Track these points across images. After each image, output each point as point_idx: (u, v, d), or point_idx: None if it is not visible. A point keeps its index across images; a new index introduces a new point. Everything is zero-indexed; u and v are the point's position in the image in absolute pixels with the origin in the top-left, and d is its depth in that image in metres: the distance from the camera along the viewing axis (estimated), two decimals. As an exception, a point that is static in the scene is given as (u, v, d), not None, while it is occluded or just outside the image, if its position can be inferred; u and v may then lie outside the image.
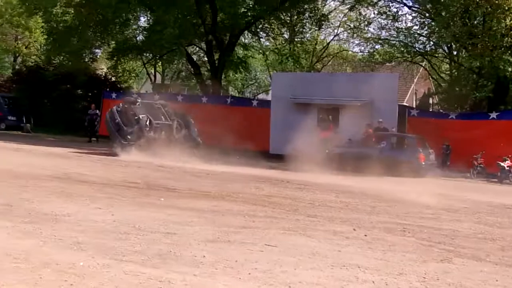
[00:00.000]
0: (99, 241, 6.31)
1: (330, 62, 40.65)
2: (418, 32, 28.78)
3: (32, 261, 5.30)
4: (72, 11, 29.36)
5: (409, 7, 29.35)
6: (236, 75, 41.09)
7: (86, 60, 33.11)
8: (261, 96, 46.08)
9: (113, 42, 32.73)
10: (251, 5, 28.66)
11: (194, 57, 35.72)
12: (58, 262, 5.30)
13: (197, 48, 36.22)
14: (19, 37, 44.89)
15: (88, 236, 6.52)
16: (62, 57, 32.86)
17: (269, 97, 35.32)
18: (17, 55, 46.85)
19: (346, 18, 35.15)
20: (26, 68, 40.07)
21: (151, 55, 35.02)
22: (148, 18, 32.60)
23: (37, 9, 30.25)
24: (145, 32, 31.15)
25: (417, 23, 29.09)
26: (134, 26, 32.29)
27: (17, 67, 45.51)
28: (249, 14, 28.49)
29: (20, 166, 13.99)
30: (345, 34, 36.42)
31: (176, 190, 11.32)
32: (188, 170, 15.68)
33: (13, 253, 5.54)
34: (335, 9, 36.74)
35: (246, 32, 31.88)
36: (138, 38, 33.46)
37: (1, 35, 43.25)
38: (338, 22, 36.81)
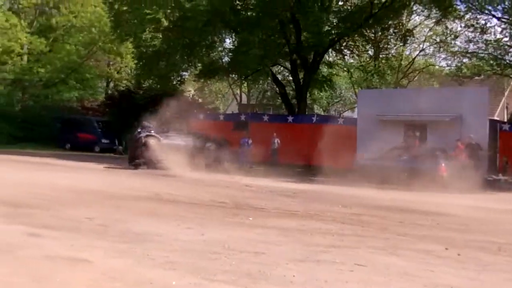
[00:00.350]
0: (190, 261, 6.43)
1: (416, 78, 39.92)
2: (508, 43, 27.79)
3: (127, 280, 5.47)
4: (160, 36, 30.24)
5: (498, 19, 28.35)
6: (321, 93, 40.99)
7: (174, 82, 33.90)
8: (346, 114, 45.74)
9: (199, 65, 33.40)
10: (335, 23, 28.56)
11: (279, 77, 35.94)
12: (152, 281, 5.45)
13: (282, 68, 36.45)
14: (111, 63, 46.69)
15: (179, 256, 6.65)
16: (151, 80, 33.88)
17: (355, 115, 34.97)
18: (109, 80, 48.74)
19: (432, 32, 34.48)
20: (117, 92, 41.70)
21: (236, 76, 35.49)
22: (233, 40, 33.11)
23: (127, 36, 31.21)
24: (230, 54, 31.61)
25: (506, 34, 28.11)
26: (220, 48, 32.84)
27: (109, 91, 47.37)
28: (333, 32, 28.40)
29: (113, 187, 14.52)
30: (431, 49, 35.85)
31: (263, 209, 11.37)
32: (274, 189, 15.73)
33: (109, 273, 5.73)
34: (420, 23, 36.17)
35: (330, 50, 31.78)
36: (223, 60, 34.03)
37: (95, 61, 45.20)
38: (424, 37, 36.21)
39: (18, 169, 19.61)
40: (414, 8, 30.59)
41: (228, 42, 35.06)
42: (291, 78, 33.69)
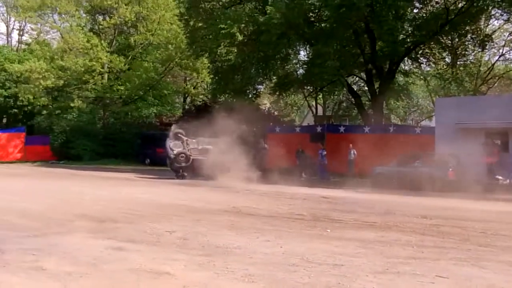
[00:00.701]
0: (269, 273, 6.47)
1: (496, 84, 38.69)
2: None
3: (208, 292, 5.58)
4: (235, 50, 30.63)
5: None
6: (398, 102, 40.44)
7: (250, 96, 34.19)
8: (424, 123, 44.87)
9: (274, 77, 33.58)
10: (410, 31, 28.08)
11: (354, 87, 35.72)
12: (232, 293, 5.53)
13: (357, 78, 36.18)
14: (187, 78, 47.67)
15: (258, 268, 6.71)
16: (227, 94, 34.32)
17: (432, 123, 34.24)
18: (186, 95, 49.72)
19: (512, 37, 33.42)
20: (194, 107, 42.49)
21: (311, 88, 35.46)
22: (308, 52, 33.13)
23: (203, 51, 31.75)
24: (305, 66, 31.63)
25: None
26: (294, 61, 32.93)
27: (186, 106, 48.35)
28: (409, 40, 27.94)
29: (193, 201, 14.80)
30: (511, 53, 34.56)
31: (341, 221, 11.29)
32: (352, 201, 15.59)
33: (190, 285, 5.87)
34: (499, 28, 35.07)
35: (406, 58, 31.29)
36: (298, 72, 34.08)
37: (172, 77, 46.28)
38: (503, 41, 35.07)
39: (102, 185, 20.31)
40: (493, 12, 29.60)
41: (303, 54, 35.14)
42: (366, 88, 33.38)
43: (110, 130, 42.05)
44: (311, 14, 28.41)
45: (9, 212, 11.49)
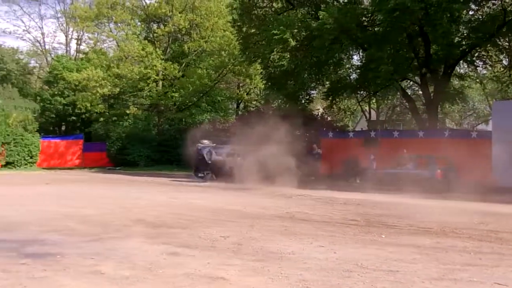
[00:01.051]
0: (323, 279, 6.47)
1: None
2: None
3: (263, 298, 5.61)
4: (288, 56, 30.67)
5: None
6: (453, 106, 39.68)
7: (303, 101, 34.16)
8: (480, 127, 43.88)
9: (327, 82, 33.48)
10: (465, 34, 27.53)
11: (408, 91, 35.23)
12: (286, 298, 5.55)
13: (411, 82, 35.68)
14: (240, 84, 48.00)
15: (312, 274, 6.71)
16: (280, 100, 34.38)
17: (489, 127, 33.43)
18: (239, 101, 50.07)
19: None
20: (248, 113, 42.68)
21: (365, 92, 35.17)
22: (361, 56, 32.91)
23: (256, 57, 31.92)
24: (358, 71, 31.42)
25: None
26: (347, 65, 32.75)
27: (239, 112, 48.64)
28: (464, 43, 27.39)
29: (247, 206, 14.87)
30: None
31: (396, 226, 11.16)
32: (407, 206, 15.38)
33: (246, 291, 5.92)
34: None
35: (461, 61, 30.66)
36: (351, 77, 33.88)
37: (225, 84, 46.67)
38: None
39: (157, 191, 20.65)
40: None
41: (356, 59, 34.89)
42: (420, 92, 32.88)
43: (165, 137, 42.72)
44: (364, 18, 28.19)
45: (69, 217, 11.81)
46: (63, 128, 51.90)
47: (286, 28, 27.03)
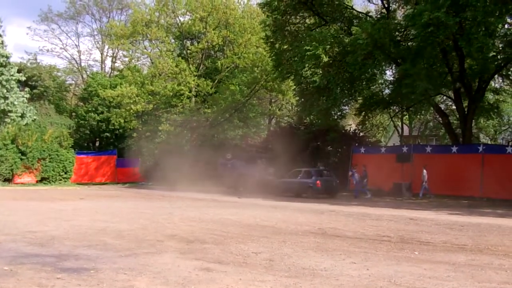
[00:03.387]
0: (357, 296, 6.40)
1: None
2: None
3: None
4: (321, 72, 30.60)
5: None
6: (488, 121, 39.13)
7: (335, 117, 34.03)
8: (515, 142, 43.14)
9: (360, 98, 33.33)
10: (501, 48, 27.17)
11: (442, 106, 34.87)
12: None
13: (444, 97, 35.32)
14: (273, 100, 48.05)
15: (346, 291, 6.65)
16: (312, 116, 34.27)
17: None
18: (272, 117, 50.08)
19: None
20: (280, 128, 42.66)
21: (398, 107, 34.91)
22: (394, 71, 32.72)
23: (288, 73, 31.97)
24: (391, 86, 31.22)
25: None
26: (380, 81, 32.56)
27: (271, 128, 48.64)
28: (499, 57, 27.01)
29: (279, 222, 14.83)
30: None
31: (430, 243, 10.99)
32: (441, 223, 15.16)
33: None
34: None
35: (496, 76, 30.26)
36: (384, 92, 33.66)
37: (258, 100, 46.74)
38: None
39: (190, 206, 20.73)
40: None
41: (389, 74, 34.70)
42: (454, 107, 32.51)
43: (198, 152, 42.86)
44: (397, 33, 28.05)
45: (103, 232, 11.92)
46: (97, 144, 52.57)
47: (318, 44, 27.03)
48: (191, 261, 8.49)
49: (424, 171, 27.15)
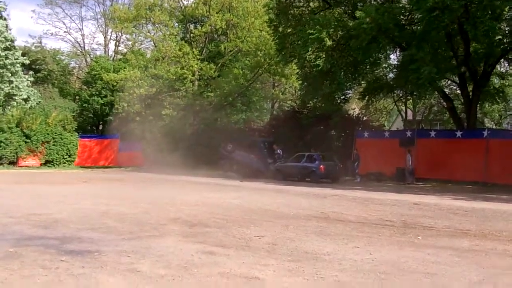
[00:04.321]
0: (359, 280, 6.40)
1: None
2: None
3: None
4: (324, 56, 30.43)
5: None
6: (493, 106, 39.02)
7: (338, 101, 33.94)
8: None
9: (363, 82, 33.21)
10: (507, 31, 26.94)
11: (446, 90, 34.68)
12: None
13: (449, 81, 35.15)
14: (276, 84, 47.94)
15: (348, 275, 6.65)
16: (315, 100, 34.18)
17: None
18: (274, 101, 50.01)
19: None
20: (282, 113, 42.60)
21: (401, 92, 34.78)
22: (398, 55, 32.56)
23: (292, 57, 31.79)
24: (395, 70, 31.06)
25: None
26: (384, 65, 32.40)
27: (274, 112, 48.58)
28: (505, 41, 26.80)
29: (281, 206, 14.85)
30: None
31: (433, 228, 10.99)
32: (444, 208, 15.16)
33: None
34: None
35: (502, 60, 30.07)
36: (388, 76, 33.52)
37: (261, 84, 46.65)
38: None
39: (192, 190, 20.75)
40: None
41: (393, 58, 34.53)
42: (459, 91, 32.37)
43: (200, 137, 42.84)
44: (402, 17, 27.83)
45: (106, 215, 11.96)
46: (101, 127, 52.60)
47: (322, 28, 26.85)
48: (193, 244, 8.51)
49: (408, 156, 27.29)
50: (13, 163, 36.68)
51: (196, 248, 8.20)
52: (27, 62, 43.36)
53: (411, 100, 43.11)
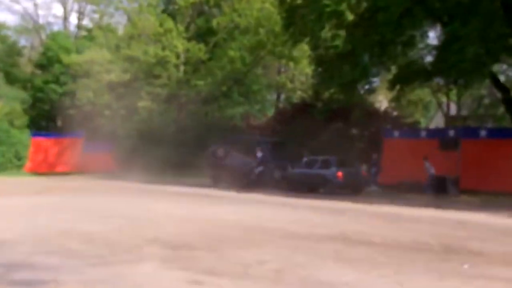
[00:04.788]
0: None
1: None
2: None
3: None
4: (344, 34, 30.38)
5: None
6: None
7: (361, 92, 33.88)
8: None
9: (394, 68, 33.19)
10: None
11: (501, 78, 34.63)
12: None
13: (505, 66, 35.13)
14: (282, 69, 47.94)
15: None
16: (332, 89, 34.15)
17: None
18: (280, 91, 49.93)
19: None
20: (290, 105, 42.53)
21: (443, 80, 34.75)
22: (439, 34, 32.51)
23: (302, 35, 31.59)
24: (435, 52, 31.02)
25: None
26: (421, 45, 32.34)
27: (280, 105, 48.51)
28: None
29: (289, 223, 14.87)
30: None
31: (483, 254, 10.99)
32: (497, 228, 15.16)
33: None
34: None
35: None
36: (426, 60, 33.50)
37: (263, 69, 46.56)
38: None
39: (177, 203, 20.82)
40: None
41: (432, 37, 34.48)
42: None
43: (186, 135, 42.82)
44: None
45: (66, 235, 11.98)
46: (59, 123, 52.64)
47: (341, -1, 26.89)
48: (177, 271, 8.53)
49: (427, 163, 27.35)
50: None
51: (180, 276, 8.21)
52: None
53: (454, 91, 43.10)
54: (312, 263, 9.43)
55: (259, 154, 31.30)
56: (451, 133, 29.66)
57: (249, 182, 30.58)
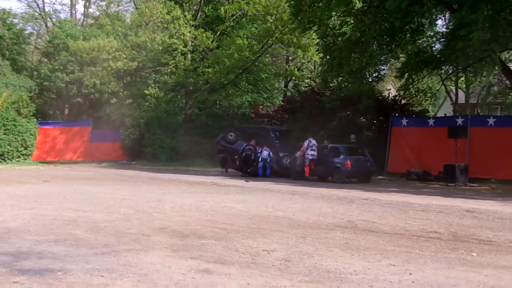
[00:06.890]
0: (397, 307, 6.39)
1: None
2: None
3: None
4: (352, 21, 30.25)
5: None
6: None
7: (370, 80, 33.76)
8: None
9: (402, 55, 33.06)
10: None
11: (510, 65, 34.48)
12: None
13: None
14: (290, 58, 47.77)
15: (382, 301, 6.64)
16: (340, 78, 34.06)
17: None
18: (288, 79, 49.79)
19: None
20: (299, 94, 42.41)
21: (451, 68, 34.58)
22: (447, 21, 32.32)
23: (311, 23, 31.54)
24: (443, 40, 30.87)
25: None
26: (430, 33, 32.19)
27: (288, 93, 48.39)
28: None
29: (297, 212, 14.84)
30: None
31: (492, 242, 10.95)
32: (507, 216, 15.09)
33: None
34: None
35: None
36: (434, 48, 33.33)
37: (271, 57, 46.41)
38: None
39: (184, 192, 20.78)
40: None
41: (440, 24, 34.30)
42: (528, 66, 32.18)
43: (194, 124, 42.80)
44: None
45: (74, 224, 11.97)
46: (67, 112, 52.67)
47: (350, -15, 26.76)
48: (185, 260, 8.51)
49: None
50: None
51: (189, 265, 8.19)
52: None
53: (463, 78, 42.92)
54: (320, 252, 9.40)
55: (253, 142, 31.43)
56: (460, 121, 29.55)
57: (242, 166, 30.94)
